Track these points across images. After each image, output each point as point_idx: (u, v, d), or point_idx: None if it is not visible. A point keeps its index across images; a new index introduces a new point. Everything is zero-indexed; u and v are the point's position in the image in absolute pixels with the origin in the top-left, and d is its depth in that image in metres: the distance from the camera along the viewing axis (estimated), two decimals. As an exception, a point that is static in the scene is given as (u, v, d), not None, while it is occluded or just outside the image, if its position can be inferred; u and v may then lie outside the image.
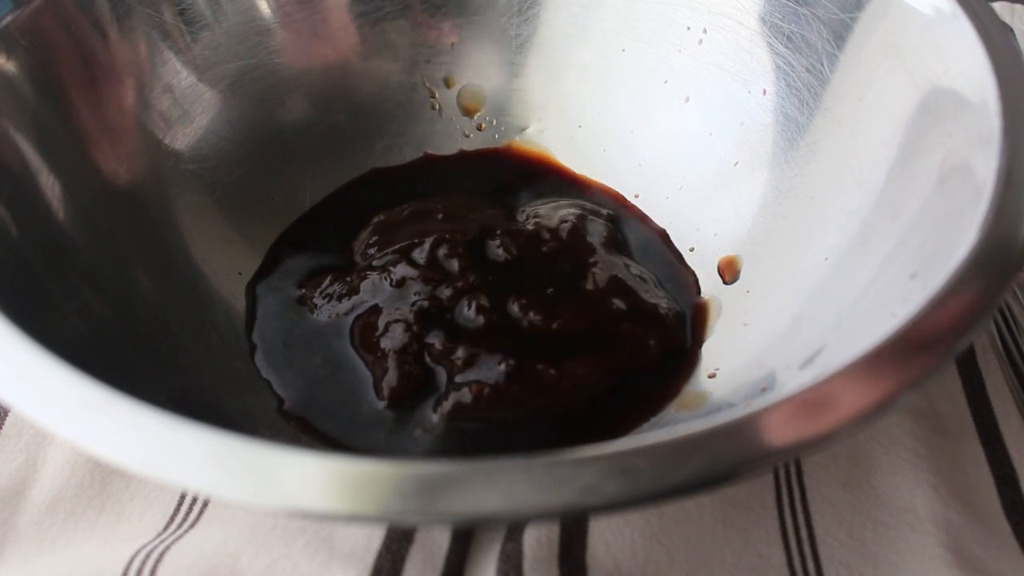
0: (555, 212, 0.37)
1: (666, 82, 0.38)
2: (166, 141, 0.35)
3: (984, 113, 0.25)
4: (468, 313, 0.32)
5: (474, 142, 0.42)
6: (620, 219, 0.38)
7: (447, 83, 0.42)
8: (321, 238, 0.37)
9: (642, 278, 0.35)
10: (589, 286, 0.33)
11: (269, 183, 0.38)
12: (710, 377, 0.31)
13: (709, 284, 0.35)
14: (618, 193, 0.39)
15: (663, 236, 0.37)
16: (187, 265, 0.34)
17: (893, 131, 0.29)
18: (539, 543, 0.26)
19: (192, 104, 0.37)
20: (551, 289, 0.33)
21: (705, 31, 0.37)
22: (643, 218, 0.38)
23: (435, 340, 0.31)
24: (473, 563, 0.27)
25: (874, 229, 0.28)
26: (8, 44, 0.30)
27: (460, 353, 0.31)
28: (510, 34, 0.41)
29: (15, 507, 0.29)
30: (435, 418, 0.30)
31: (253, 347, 0.33)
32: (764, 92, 0.35)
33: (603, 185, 0.40)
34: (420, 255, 0.34)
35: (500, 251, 0.35)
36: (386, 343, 0.31)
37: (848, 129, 0.31)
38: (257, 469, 0.18)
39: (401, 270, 0.34)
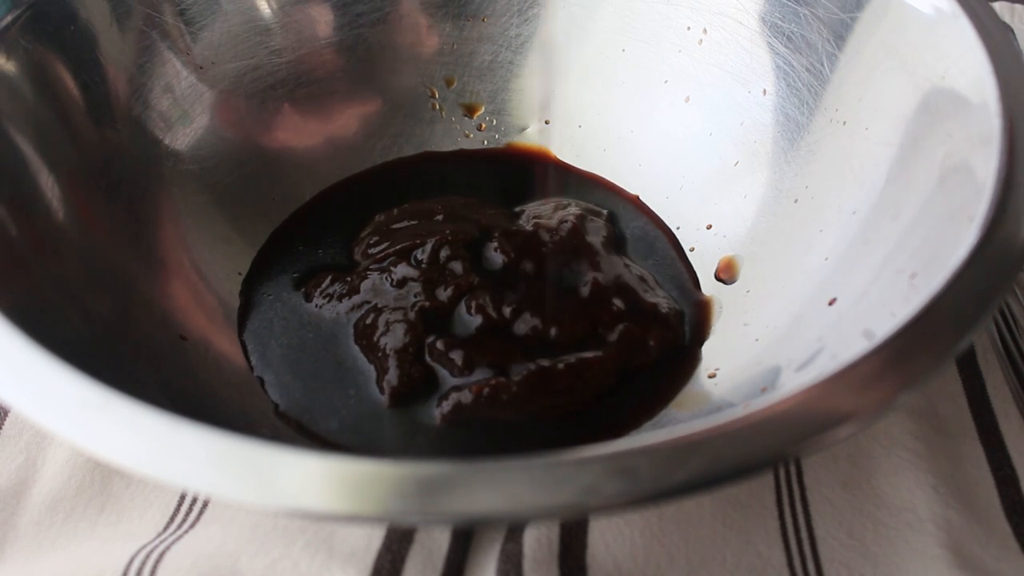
0: (555, 212, 0.37)
1: (666, 82, 0.38)
2: (166, 141, 0.35)
3: (984, 113, 0.25)
4: (468, 313, 0.32)
5: (474, 142, 0.42)
6: (620, 219, 0.38)
7: (447, 83, 0.42)
8: (321, 238, 0.37)
9: (642, 278, 0.35)
10: (589, 286, 0.33)
11: (269, 183, 0.38)
12: (710, 377, 0.31)
13: (709, 284, 0.35)
14: (618, 193, 0.39)
15: (663, 236, 0.37)
16: (187, 265, 0.34)
17: (893, 131, 0.29)
18: (539, 543, 0.26)
19: (192, 104, 0.37)
20: (551, 289, 0.33)
21: (705, 31, 0.37)
22: (643, 218, 0.38)
23: (435, 340, 0.31)
24: (473, 563, 0.27)
25: (874, 229, 0.28)
26: (8, 44, 0.30)
27: (460, 353, 0.31)
28: (510, 34, 0.41)
29: (15, 507, 0.29)
30: (435, 417, 0.30)
31: (251, 346, 0.33)
32: (764, 92, 0.35)
33: (603, 185, 0.40)
34: (422, 256, 0.34)
35: (496, 253, 0.35)
36: (387, 342, 0.32)
37: (848, 129, 0.31)
38: (257, 469, 0.18)
39: (402, 270, 0.34)
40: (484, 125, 0.42)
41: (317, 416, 0.30)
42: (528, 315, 0.32)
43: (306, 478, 0.18)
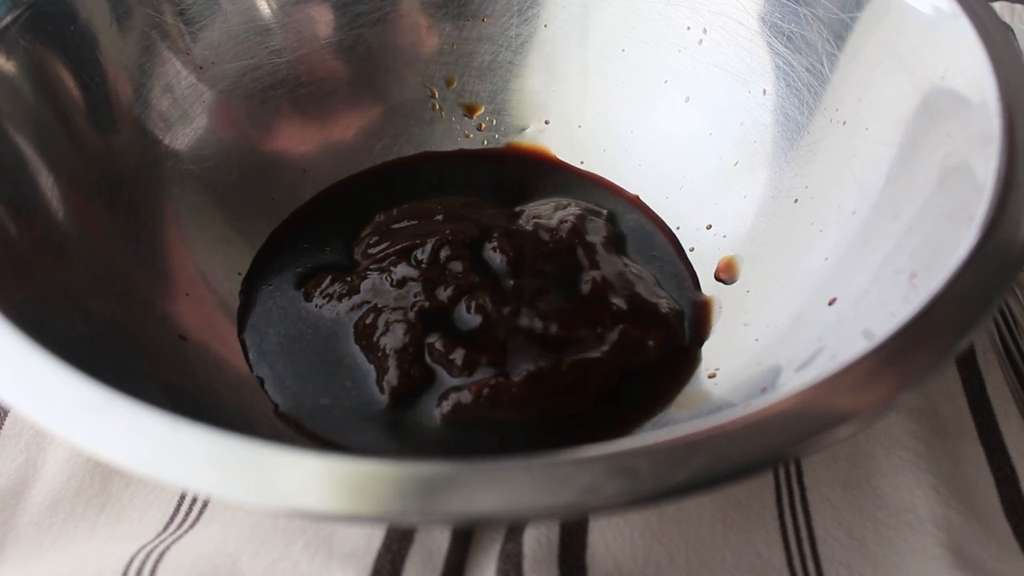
0: (555, 212, 0.37)
1: (666, 82, 0.38)
2: (166, 141, 0.35)
3: (984, 113, 0.25)
4: (468, 313, 0.32)
5: (474, 142, 0.42)
6: (619, 219, 0.38)
7: (447, 83, 0.42)
8: (321, 238, 0.37)
9: (642, 278, 0.35)
10: (589, 286, 0.33)
11: (269, 183, 0.38)
12: (710, 377, 0.31)
13: (709, 284, 0.35)
14: (618, 193, 0.39)
15: (663, 236, 0.37)
16: (187, 265, 0.34)
17: (893, 131, 0.29)
18: (539, 543, 0.26)
19: (192, 104, 0.37)
20: (551, 289, 0.33)
21: (705, 31, 0.37)
22: (643, 218, 0.38)
23: (435, 340, 0.31)
24: (473, 563, 0.27)
25: (874, 229, 0.28)
26: (8, 44, 0.30)
27: (460, 353, 0.31)
28: (510, 34, 0.41)
29: (15, 507, 0.29)
30: (436, 417, 0.30)
31: (251, 346, 0.33)
32: (764, 92, 0.35)
33: (603, 185, 0.40)
34: (422, 256, 0.34)
35: (496, 252, 0.35)
36: (386, 342, 0.32)
37: (848, 129, 0.31)
38: (257, 469, 0.18)
39: (402, 270, 0.34)
40: (484, 125, 0.42)
41: (317, 416, 0.30)
42: (528, 315, 0.32)
43: (306, 478, 0.18)
